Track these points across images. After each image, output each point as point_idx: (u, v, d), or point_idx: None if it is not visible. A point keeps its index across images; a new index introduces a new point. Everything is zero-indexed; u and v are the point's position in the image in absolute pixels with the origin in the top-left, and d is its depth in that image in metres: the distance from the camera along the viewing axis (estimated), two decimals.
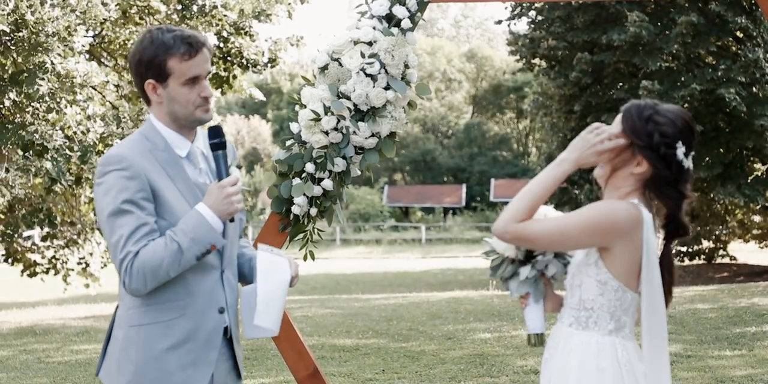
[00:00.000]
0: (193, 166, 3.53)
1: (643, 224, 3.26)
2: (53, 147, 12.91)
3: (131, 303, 3.47)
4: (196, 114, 3.47)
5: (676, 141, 3.30)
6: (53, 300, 21.19)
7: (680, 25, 20.13)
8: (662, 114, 3.33)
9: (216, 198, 3.39)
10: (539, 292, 3.52)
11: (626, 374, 3.29)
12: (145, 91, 3.49)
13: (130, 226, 3.32)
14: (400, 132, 4.78)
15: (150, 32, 3.46)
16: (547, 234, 3.23)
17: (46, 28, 12.26)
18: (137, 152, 3.42)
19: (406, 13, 4.71)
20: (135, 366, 3.43)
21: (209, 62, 3.49)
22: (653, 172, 3.32)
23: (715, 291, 16.75)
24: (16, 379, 9.91)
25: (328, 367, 9.92)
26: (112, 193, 3.35)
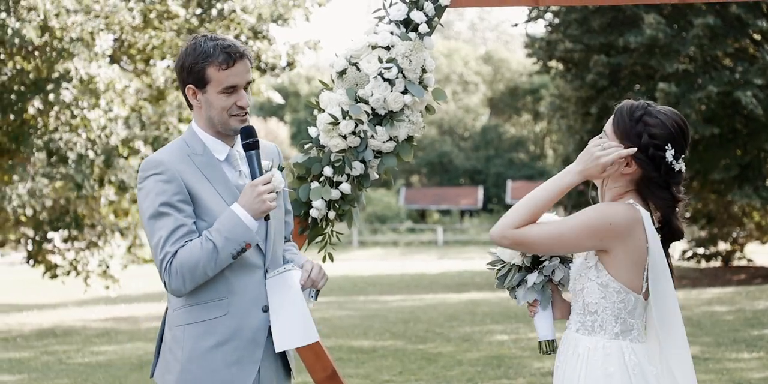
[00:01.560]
0: (233, 169, 3.65)
1: (643, 223, 3.27)
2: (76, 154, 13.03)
3: (176, 303, 3.58)
4: (231, 122, 3.59)
5: (666, 143, 3.30)
6: (73, 302, 21.31)
7: (697, 27, 20.08)
8: (653, 115, 3.34)
9: (249, 197, 3.48)
10: (547, 298, 3.52)
11: (634, 378, 3.29)
12: (186, 95, 3.62)
13: (168, 227, 3.44)
14: (418, 136, 4.83)
15: (195, 39, 3.59)
16: (544, 238, 3.25)
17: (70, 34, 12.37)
18: (175, 157, 3.55)
19: (423, 18, 4.75)
20: (181, 364, 3.53)
21: (249, 72, 3.60)
22: (642, 173, 3.33)
23: (732, 293, 16.71)
24: (37, 380, 10.00)
25: (346, 368, 9.97)
26: (150, 196, 3.48)
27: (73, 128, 13.06)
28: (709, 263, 26.21)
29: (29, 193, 13.32)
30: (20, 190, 13.30)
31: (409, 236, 51.61)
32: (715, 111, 20.82)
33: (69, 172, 13.37)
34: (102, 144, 13.35)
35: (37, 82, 12.75)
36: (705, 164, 21.44)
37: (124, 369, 10.65)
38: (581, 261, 3.38)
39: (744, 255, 26.36)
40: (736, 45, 21.21)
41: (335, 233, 4.94)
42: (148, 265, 17.94)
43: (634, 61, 21.39)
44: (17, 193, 13.27)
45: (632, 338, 3.35)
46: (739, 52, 21.41)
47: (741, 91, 19.83)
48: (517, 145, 61.83)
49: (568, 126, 24.40)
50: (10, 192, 13.22)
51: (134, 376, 10.07)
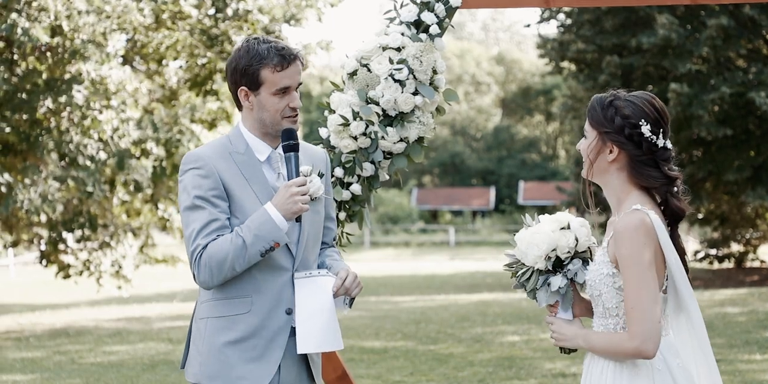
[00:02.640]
0: (272, 171, 3.69)
1: (654, 228, 3.27)
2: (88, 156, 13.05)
3: (204, 296, 3.64)
4: (282, 123, 3.64)
5: (639, 119, 3.32)
6: (86, 302, 21.38)
7: (710, 28, 20.03)
8: (622, 98, 3.38)
9: (282, 197, 3.52)
10: (569, 300, 3.50)
11: (658, 374, 3.31)
12: (238, 97, 3.65)
13: (201, 220, 3.50)
14: (429, 137, 4.83)
15: (247, 42, 3.64)
16: (650, 307, 3.22)
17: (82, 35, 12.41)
18: (216, 153, 3.61)
19: (434, 19, 4.75)
20: (201, 357, 3.59)
21: (300, 74, 3.65)
22: (627, 155, 3.35)
23: (745, 295, 16.66)
24: (50, 380, 10.03)
25: (357, 369, 9.97)
26: (188, 189, 3.55)
27: (84, 130, 13.10)
28: (721, 264, 26.13)
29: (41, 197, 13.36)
30: (32, 195, 13.34)
31: (420, 237, 51.60)
32: (728, 112, 20.76)
33: (80, 176, 13.41)
34: (114, 145, 13.39)
35: (48, 83, 12.80)
36: (718, 165, 21.38)
37: (136, 369, 10.68)
38: (595, 268, 3.38)
39: (757, 256, 26.27)
40: (750, 46, 21.15)
41: (345, 234, 4.95)
42: (160, 265, 17.99)
43: (647, 62, 21.34)
44: (29, 197, 13.31)
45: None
46: (752, 53, 21.34)
47: (754, 92, 19.77)
48: (529, 145, 61.76)
49: (581, 127, 24.34)
50: (22, 196, 13.26)
51: (146, 376, 10.10)
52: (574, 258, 3.50)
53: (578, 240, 3.48)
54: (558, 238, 3.47)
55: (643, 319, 3.21)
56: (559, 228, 3.49)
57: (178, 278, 27.43)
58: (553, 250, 3.47)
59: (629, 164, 3.36)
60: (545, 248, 3.46)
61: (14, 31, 11.87)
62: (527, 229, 3.55)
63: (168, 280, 27.68)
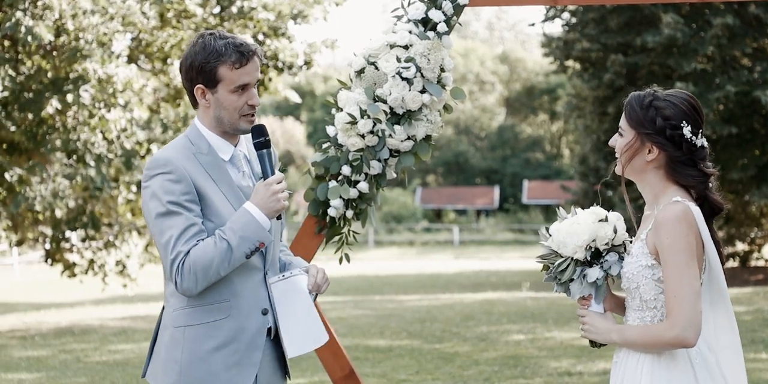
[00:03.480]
0: (236, 170, 3.61)
1: (695, 219, 3.29)
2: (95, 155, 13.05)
3: (177, 304, 3.53)
4: (240, 122, 3.55)
5: (681, 121, 3.32)
6: (91, 300, 21.39)
7: (716, 27, 20.01)
8: (662, 98, 3.37)
9: (263, 196, 3.46)
10: (602, 292, 3.48)
11: (698, 367, 3.30)
12: (194, 94, 3.56)
13: (179, 226, 3.40)
14: (436, 135, 4.83)
15: (203, 37, 3.53)
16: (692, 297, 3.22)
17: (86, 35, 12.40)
18: (182, 155, 3.50)
19: (442, 17, 4.75)
20: (180, 366, 3.49)
21: (259, 70, 3.56)
22: (666, 156, 3.35)
23: (750, 294, 16.65)
24: (55, 379, 10.04)
25: (362, 368, 9.97)
26: (158, 195, 3.43)
27: (91, 129, 13.11)
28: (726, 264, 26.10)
29: (53, 194, 13.38)
30: (44, 192, 13.35)
31: (425, 236, 51.58)
32: (733, 111, 20.74)
33: (88, 173, 13.41)
34: (119, 145, 13.39)
35: (55, 82, 12.81)
36: (723, 164, 21.34)
37: (141, 368, 10.68)
38: (633, 260, 3.37)
39: (762, 255, 26.25)
40: (755, 45, 21.12)
41: (352, 233, 4.94)
42: None
43: (652, 61, 21.32)
44: (41, 194, 13.32)
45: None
46: (757, 52, 21.32)
47: (759, 91, 19.76)
48: (533, 144, 61.72)
49: (585, 126, 24.35)
50: (32, 194, 13.27)
51: None
52: (610, 250, 3.49)
53: (617, 232, 3.48)
54: (598, 229, 3.46)
55: (685, 308, 3.20)
56: (598, 219, 3.48)
57: None
58: (593, 240, 3.45)
59: (668, 164, 3.37)
60: (586, 238, 3.44)
61: (18, 30, 11.87)
62: (563, 221, 3.54)
63: None
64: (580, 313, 3.52)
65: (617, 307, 3.53)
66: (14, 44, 13.03)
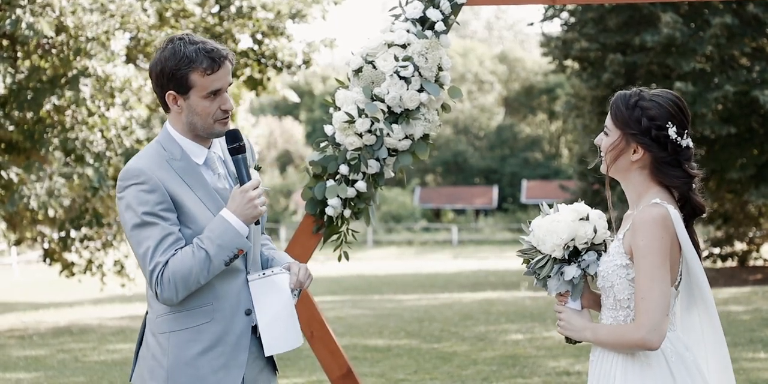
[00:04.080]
0: (211, 172, 3.58)
1: (673, 222, 3.27)
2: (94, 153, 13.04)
3: (160, 310, 3.51)
4: (215, 127, 3.52)
5: (666, 122, 3.32)
6: (89, 300, 21.38)
7: (714, 26, 19.99)
8: (648, 99, 3.36)
9: (239, 203, 3.43)
10: (579, 290, 3.49)
11: (674, 365, 3.31)
12: (166, 101, 3.52)
13: (155, 237, 3.37)
14: (434, 134, 4.82)
15: (172, 43, 3.47)
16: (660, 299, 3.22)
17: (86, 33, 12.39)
18: (155, 164, 3.47)
19: (439, 16, 4.75)
20: (167, 372, 3.48)
21: (230, 75, 3.53)
22: (651, 156, 3.34)
23: (748, 293, 16.65)
24: (54, 378, 10.03)
25: (361, 367, 9.97)
26: (133, 206, 3.41)
27: (89, 127, 13.10)
28: (725, 263, 26.10)
29: (48, 193, 13.36)
30: (39, 191, 13.33)
31: (423, 235, 51.58)
32: (731, 110, 20.73)
33: (86, 172, 13.40)
34: (118, 143, 13.39)
35: (53, 80, 12.80)
36: (721, 164, 21.35)
37: None
38: (609, 259, 3.38)
39: (760, 255, 26.23)
40: (753, 44, 21.11)
41: (351, 232, 4.94)
42: None
43: (651, 61, 21.31)
44: (36, 193, 13.30)
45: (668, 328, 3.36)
46: (756, 52, 21.31)
47: (758, 91, 19.75)
48: (532, 144, 61.71)
49: (584, 125, 24.33)
50: (28, 192, 13.26)
51: None
52: (589, 249, 3.49)
53: (596, 231, 3.47)
54: (577, 228, 3.45)
55: (652, 310, 3.21)
56: (579, 218, 3.47)
57: None
58: (572, 239, 3.45)
59: (652, 164, 3.36)
60: (565, 237, 3.44)
61: (18, 26, 11.86)
62: (545, 217, 3.54)
63: None
64: (557, 309, 3.53)
65: (595, 304, 3.53)
66: (12, 43, 13.02)
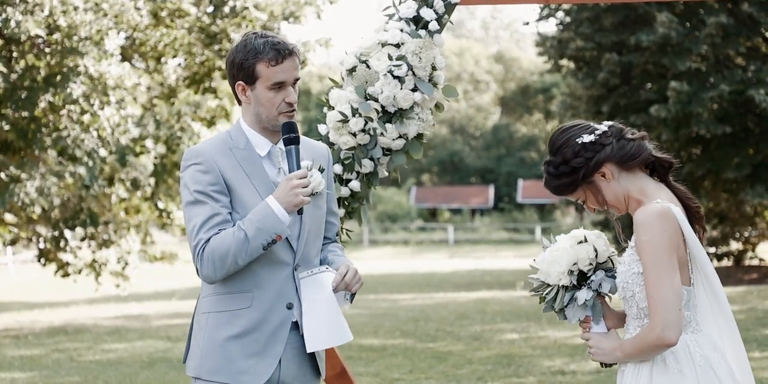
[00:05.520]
0: (272, 166, 3.69)
1: (677, 218, 3.27)
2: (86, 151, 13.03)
3: (206, 291, 3.66)
4: (279, 119, 3.64)
5: (576, 143, 3.39)
6: (85, 300, 21.37)
7: (710, 26, 20.01)
8: (552, 157, 3.45)
9: (283, 190, 3.52)
10: (598, 312, 3.46)
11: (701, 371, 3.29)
12: (236, 91, 3.68)
13: (203, 215, 3.52)
14: (428, 133, 4.82)
15: (246, 37, 3.66)
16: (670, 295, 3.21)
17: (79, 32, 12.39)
18: (216, 148, 3.63)
19: (433, 16, 4.74)
20: (201, 351, 3.61)
21: (298, 69, 3.66)
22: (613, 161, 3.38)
23: (744, 292, 16.67)
24: (48, 378, 10.02)
25: (356, 367, 9.97)
26: (188, 185, 3.57)
27: (83, 126, 13.09)
28: (720, 262, 26.12)
29: (38, 191, 13.35)
30: (28, 188, 13.32)
31: (419, 235, 51.59)
32: (727, 110, 20.74)
33: (78, 171, 13.39)
34: (113, 142, 13.38)
35: (47, 79, 12.79)
36: (717, 163, 21.37)
37: (134, 367, 10.67)
38: (625, 268, 3.36)
39: (756, 254, 26.25)
40: (749, 44, 21.13)
41: (345, 231, 4.94)
42: (159, 263, 17.98)
43: (646, 60, 21.32)
44: (25, 191, 13.30)
45: (692, 330, 3.35)
46: (751, 51, 21.33)
47: (753, 90, 19.76)
48: (528, 144, 61.72)
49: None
50: (18, 190, 13.25)
51: (145, 374, 10.09)
52: (596, 269, 3.48)
53: (597, 251, 3.47)
54: (577, 252, 3.46)
55: (662, 308, 3.19)
56: (577, 242, 3.49)
57: (176, 276, 27.41)
58: (574, 264, 3.45)
59: (618, 164, 3.39)
60: (566, 263, 3.45)
61: (7, 25, 11.85)
62: (545, 251, 3.54)
63: (166, 279, 27.66)
64: (583, 337, 3.50)
65: (621, 322, 3.51)
66: (7, 43, 13.00)
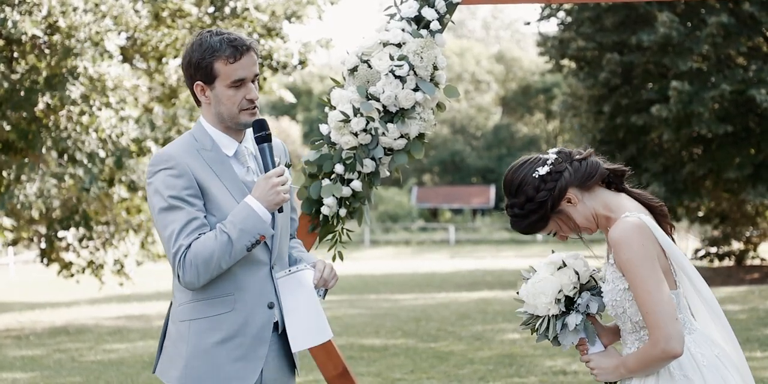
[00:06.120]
0: (240, 165, 3.64)
1: (650, 229, 3.28)
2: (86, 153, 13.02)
3: (182, 299, 3.57)
4: (241, 117, 3.59)
5: (533, 178, 3.39)
6: (86, 300, 21.38)
7: (711, 25, 20.00)
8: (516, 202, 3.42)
9: (263, 189, 3.49)
10: (592, 333, 3.47)
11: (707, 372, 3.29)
12: (195, 92, 3.61)
13: (180, 220, 3.44)
14: (429, 133, 4.82)
15: (200, 35, 3.60)
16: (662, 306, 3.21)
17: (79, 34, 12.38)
18: (184, 151, 3.55)
19: (434, 15, 4.74)
20: (185, 360, 3.53)
21: (256, 65, 3.60)
22: (573, 189, 3.38)
23: (745, 292, 16.67)
24: (50, 378, 10.02)
25: (357, 367, 9.96)
26: (160, 191, 3.48)
27: (83, 127, 13.09)
28: (722, 262, 26.11)
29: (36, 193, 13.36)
30: (28, 191, 13.33)
31: (420, 235, 51.58)
32: (728, 109, 20.73)
33: (77, 173, 13.39)
34: (112, 143, 13.38)
35: (48, 80, 12.79)
36: (718, 163, 21.36)
37: (136, 367, 10.67)
38: (611, 287, 3.36)
39: (757, 254, 26.25)
40: (750, 43, 21.12)
41: (346, 231, 4.93)
42: (161, 261, 17.98)
43: (647, 60, 21.32)
44: (24, 193, 13.30)
45: (688, 330, 3.36)
46: (752, 51, 21.32)
47: (754, 90, 19.75)
48: (529, 144, 61.71)
49: (581, 125, 24.34)
50: (18, 192, 13.26)
51: (146, 374, 10.09)
52: (581, 291, 3.49)
53: (578, 273, 3.48)
54: (560, 279, 3.46)
55: (660, 321, 3.20)
56: (556, 268, 3.49)
57: None
58: (559, 291, 3.46)
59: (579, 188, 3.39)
60: (551, 293, 3.45)
61: (5, 25, 11.85)
62: (527, 283, 3.53)
63: (168, 279, 27.67)
64: (583, 360, 3.51)
65: (614, 335, 3.52)
66: (9, 43, 13.01)
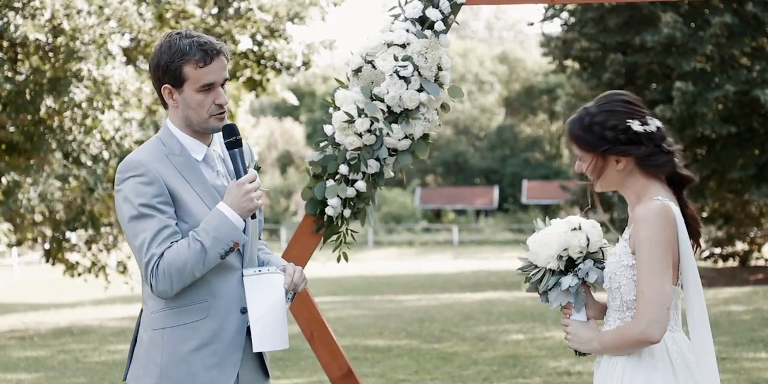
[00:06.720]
0: (210, 169, 3.57)
1: (676, 220, 3.28)
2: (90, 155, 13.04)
3: (155, 306, 3.51)
4: (210, 122, 3.52)
5: (625, 121, 3.33)
6: (90, 301, 21.39)
7: (714, 26, 19.99)
8: (597, 112, 3.37)
9: (235, 196, 3.43)
10: (581, 300, 3.48)
11: (678, 367, 3.30)
12: (162, 94, 3.54)
13: (152, 229, 3.37)
14: (433, 134, 4.82)
15: (169, 37, 3.50)
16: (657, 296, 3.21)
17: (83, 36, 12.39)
18: (154, 157, 3.47)
19: (439, 16, 4.74)
20: (160, 368, 3.47)
21: (226, 69, 3.53)
22: (634, 158, 3.35)
23: (749, 293, 16.65)
24: (54, 379, 10.03)
25: (361, 367, 9.96)
26: (130, 198, 3.41)
27: (87, 129, 13.10)
28: (726, 263, 26.09)
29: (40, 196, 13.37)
30: (31, 194, 13.35)
31: (424, 236, 51.58)
32: (732, 110, 20.72)
33: (82, 174, 13.41)
34: (116, 145, 13.39)
35: (52, 82, 12.81)
36: (722, 163, 21.34)
37: None
38: (615, 259, 3.37)
39: (761, 255, 26.22)
40: (754, 44, 21.10)
41: (350, 232, 4.93)
42: None
43: (651, 60, 21.30)
44: (27, 196, 13.32)
45: (671, 328, 3.35)
46: (756, 51, 21.30)
47: (759, 90, 19.74)
48: (532, 144, 61.72)
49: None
50: (21, 196, 13.28)
51: None
52: (586, 258, 3.50)
53: (590, 240, 3.48)
54: (570, 239, 3.47)
55: (651, 303, 3.20)
56: (571, 229, 3.49)
57: None
58: (564, 249, 3.46)
59: (638, 163, 3.37)
60: (556, 248, 3.45)
61: (8, 29, 11.87)
62: (538, 233, 3.55)
63: None
64: (563, 322, 3.51)
65: (601, 313, 3.52)
66: (13, 45, 13.02)
